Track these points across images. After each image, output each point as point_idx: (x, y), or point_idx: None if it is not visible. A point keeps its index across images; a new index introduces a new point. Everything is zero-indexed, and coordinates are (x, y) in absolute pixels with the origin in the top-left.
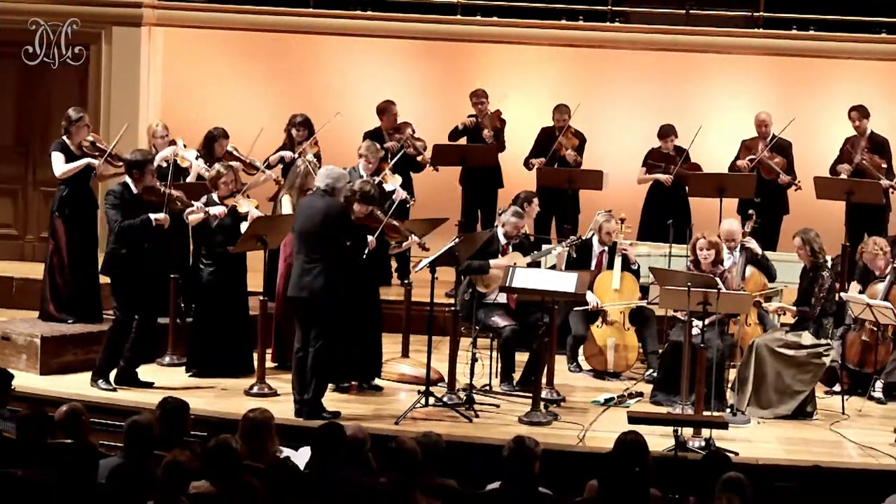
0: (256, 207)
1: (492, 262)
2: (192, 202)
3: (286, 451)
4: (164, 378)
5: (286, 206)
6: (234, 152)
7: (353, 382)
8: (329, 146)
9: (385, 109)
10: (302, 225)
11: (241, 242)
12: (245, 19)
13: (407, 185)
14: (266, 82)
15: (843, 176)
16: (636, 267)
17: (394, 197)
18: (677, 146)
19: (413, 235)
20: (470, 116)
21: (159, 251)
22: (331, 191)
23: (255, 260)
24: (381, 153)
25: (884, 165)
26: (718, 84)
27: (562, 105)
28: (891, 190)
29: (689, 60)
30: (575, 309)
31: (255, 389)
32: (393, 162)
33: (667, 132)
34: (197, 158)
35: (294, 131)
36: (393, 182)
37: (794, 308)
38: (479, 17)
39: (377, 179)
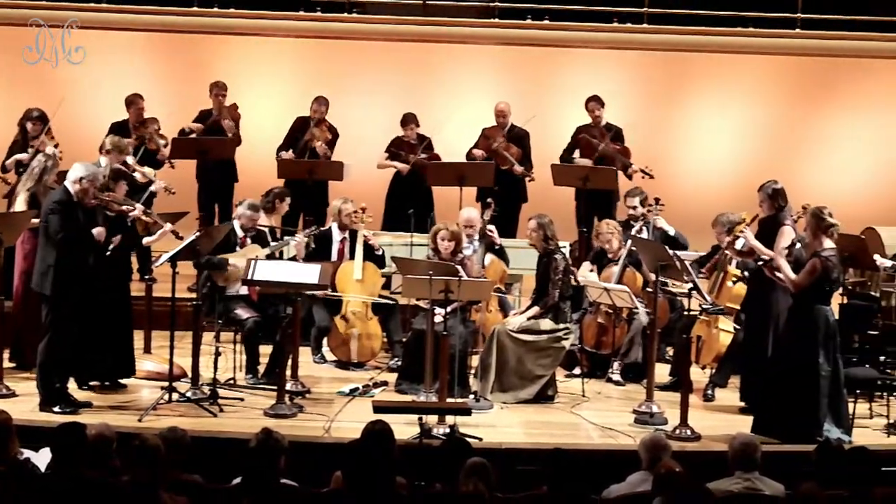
0: None
1: (230, 257)
2: None
3: (27, 453)
4: None
5: (20, 203)
6: None
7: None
8: (69, 140)
9: (132, 102)
10: None
11: None
12: None
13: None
14: None
15: (587, 162)
16: (381, 253)
17: (152, 188)
18: (420, 134)
19: (168, 224)
20: (196, 121)
21: None
22: (73, 184)
23: None
24: (129, 149)
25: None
26: (457, 74)
27: (321, 97)
28: (642, 175)
29: (427, 51)
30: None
31: None
32: (139, 157)
33: (408, 120)
34: None
35: (29, 125)
36: (147, 175)
37: (536, 309)
38: (215, 9)
39: (136, 174)
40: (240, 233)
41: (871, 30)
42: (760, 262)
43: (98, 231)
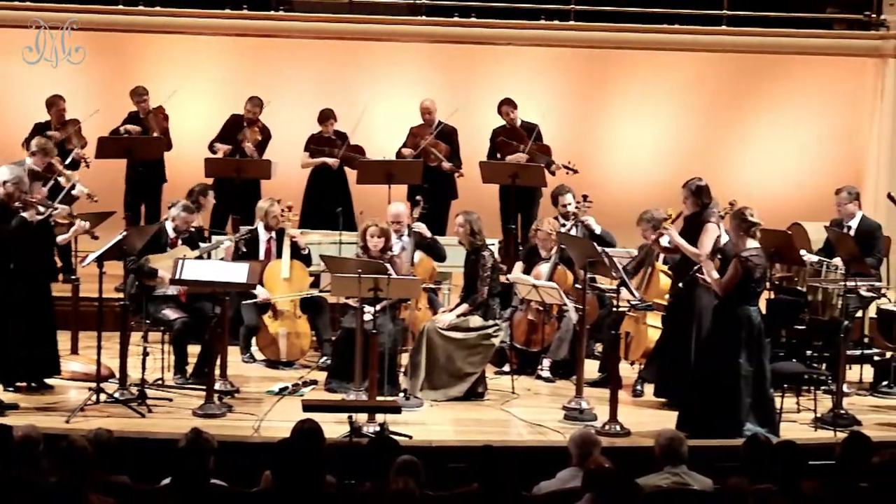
0: None
1: (160, 264)
2: None
3: None
4: None
5: None
6: None
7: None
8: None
9: (52, 104)
10: None
11: None
12: None
13: None
14: None
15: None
16: (307, 252)
17: (74, 192)
18: (337, 130)
19: (80, 220)
20: (128, 123)
21: None
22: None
23: None
24: (55, 150)
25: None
26: (384, 71)
27: (255, 97)
28: (566, 171)
29: (353, 48)
30: (244, 303)
31: None
32: (69, 161)
33: (326, 116)
34: None
35: None
36: (70, 178)
37: (465, 307)
38: (141, 8)
39: (56, 177)
40: (171, 233)
41: (796, 26)
42: (693, 270)
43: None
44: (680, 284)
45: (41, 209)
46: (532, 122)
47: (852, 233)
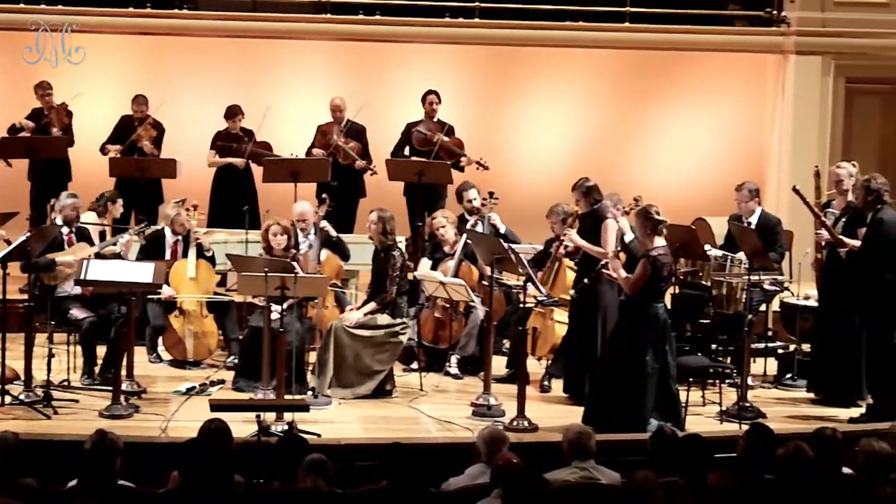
0: None
1: (57, 257)
2: None
3: None
4: None
5: None
6: None
7: None
8: None
9: None
10: None
11: None
12: None
13: None
14: None
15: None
16: (210, 254)
17: None
18: (244, 127)
19: None
20: (28, 118)
21: None
22: None
23: None
24: None
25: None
26: (289, 69)
27: (140, 96)
28: (476, 167)
29: (258, 46)
30: (149, 297)
31: None
32: None
33: (234, 112)
34: None
35: None
36: None
37: (372, 305)
38: (43, 6)
39: None
40: (64, 230)
41: (698, 23)
42: (599, 266)
43: None
44: (585, 280)
45: None
46: (445, 121)
47: (753, 228)
